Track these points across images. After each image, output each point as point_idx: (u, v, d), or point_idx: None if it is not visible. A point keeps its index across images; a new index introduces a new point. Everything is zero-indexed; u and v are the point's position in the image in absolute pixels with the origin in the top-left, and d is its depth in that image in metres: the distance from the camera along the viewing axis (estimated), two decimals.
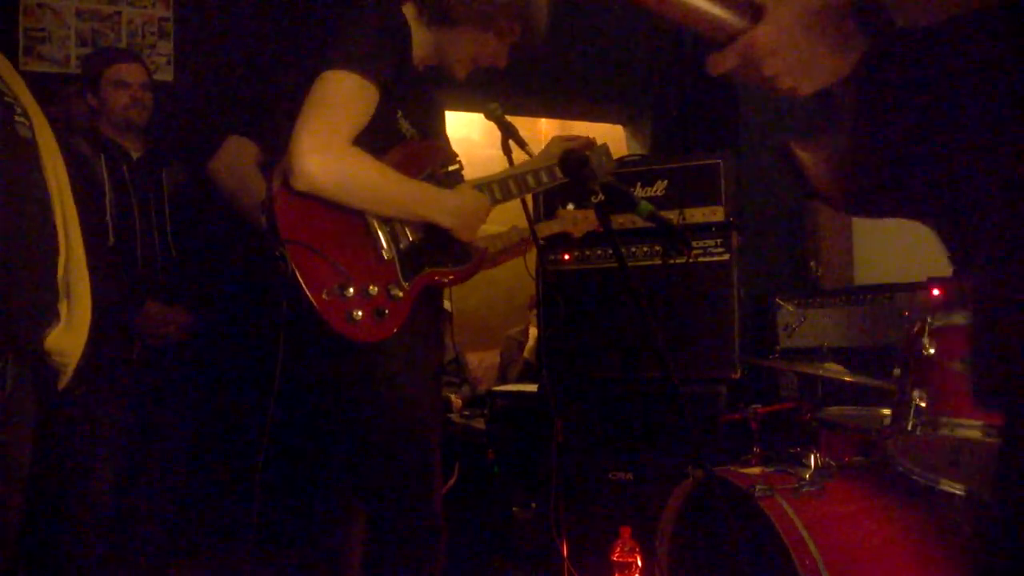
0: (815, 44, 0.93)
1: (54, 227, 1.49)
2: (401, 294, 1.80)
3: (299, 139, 1.66)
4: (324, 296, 1.69)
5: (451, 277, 1.94)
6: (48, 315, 1.48)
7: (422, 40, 1.94)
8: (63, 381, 1.52)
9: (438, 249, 1.89)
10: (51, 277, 1.48)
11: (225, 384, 3.17)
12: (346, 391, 1.85)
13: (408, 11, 1.93)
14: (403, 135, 1.92)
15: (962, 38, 0.90)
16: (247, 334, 3.16)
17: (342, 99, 1.72)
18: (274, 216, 1.70)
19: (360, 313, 1.71)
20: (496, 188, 2.01)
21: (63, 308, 1.50)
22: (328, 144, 1.68)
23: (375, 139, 1.81)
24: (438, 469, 1.95)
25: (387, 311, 1.76)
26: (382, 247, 1.80)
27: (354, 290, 1.73)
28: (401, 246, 1.84)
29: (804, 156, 1.02)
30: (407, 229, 1.85)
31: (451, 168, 2.01)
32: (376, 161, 1.76)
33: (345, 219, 1.77)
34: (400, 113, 1.91)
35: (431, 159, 1.96)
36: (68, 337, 1.50)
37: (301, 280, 1.68)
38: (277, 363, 1.75)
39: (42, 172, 1.51)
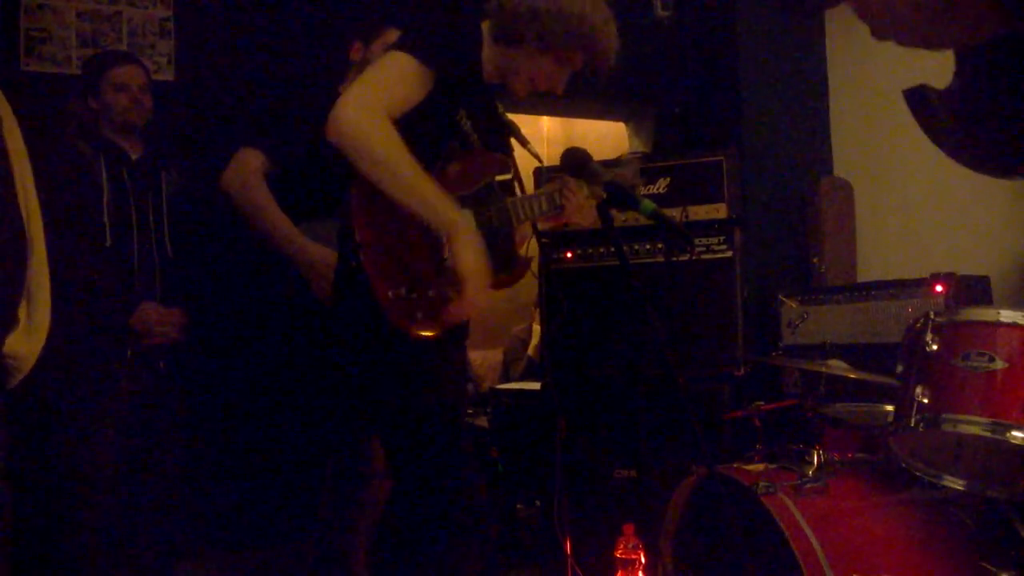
0: (931, 18, 0.76)
1: (24, 229, 1.47)
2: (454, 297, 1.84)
3: (345, 96, 1.79)
4: (390, 295, 1.77)
5: (496, 286, 1.96)
6: (11, 317, 1.46)
7: (489, 56, 2.02)
8: (11, 383, 1.49)
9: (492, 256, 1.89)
10: (20, 279, 1.45)
11: (222, 385, 3.17)
12: (385, 382, 1.90)
13: (484, 28, 2.02)
14: (463, 132, 1.98)
15: None
16: (243, 335, 3.17)
17: (394, 76, 1.85)
18: (350, 215, 1.81)
19: (420, 315, 1.79)
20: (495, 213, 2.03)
21: (22, 311, 1.47)
22: (367, 107, 1.78)
23: (431, 127, 1.88)
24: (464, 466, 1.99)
25: (441, 314, 1.81)
26: (444, 255, 1.82)
27: (417, 293, 1.80)
28: None
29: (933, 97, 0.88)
30: None
31: (501, 177, 2.05)
32: (402, 144, 1.78)
33: (412, 224, 1.81)
34: (463, 112, 1.97)
35: (489, 170, 2.02)
36: (27, 340, 1.47)
37: (371, 278, 1.76)
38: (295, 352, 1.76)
39: (11, 174, 1.48)
